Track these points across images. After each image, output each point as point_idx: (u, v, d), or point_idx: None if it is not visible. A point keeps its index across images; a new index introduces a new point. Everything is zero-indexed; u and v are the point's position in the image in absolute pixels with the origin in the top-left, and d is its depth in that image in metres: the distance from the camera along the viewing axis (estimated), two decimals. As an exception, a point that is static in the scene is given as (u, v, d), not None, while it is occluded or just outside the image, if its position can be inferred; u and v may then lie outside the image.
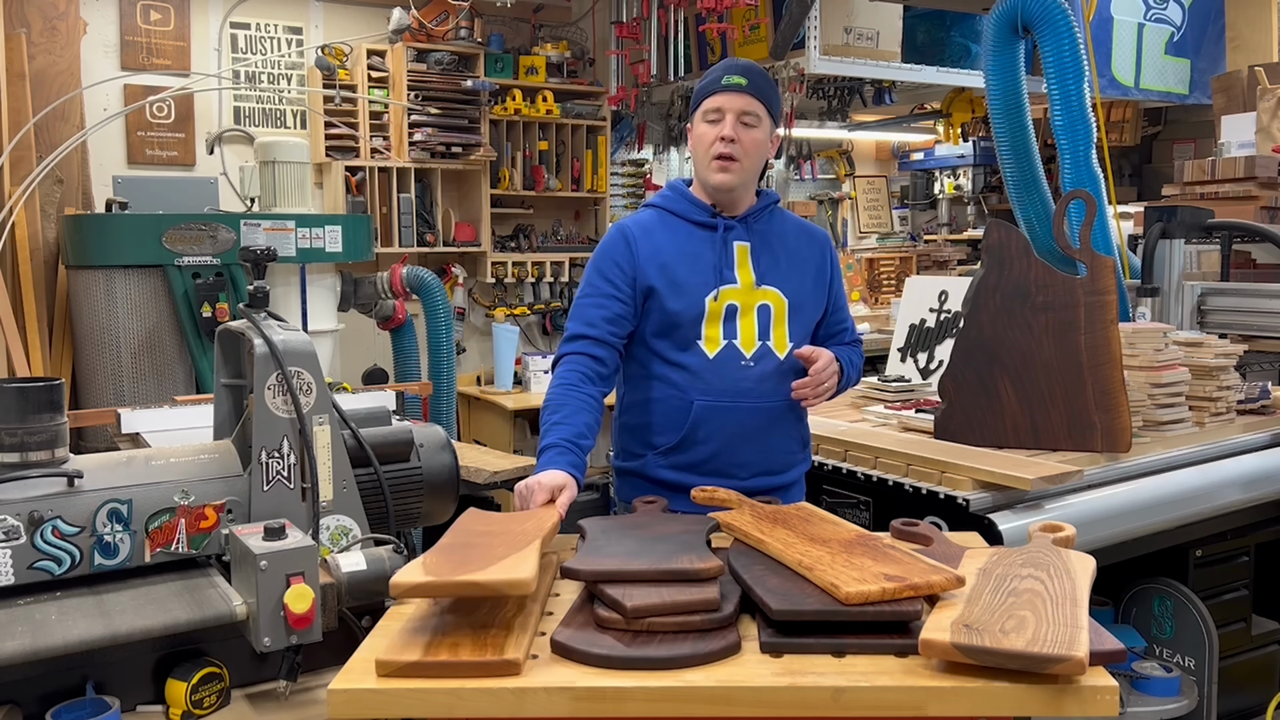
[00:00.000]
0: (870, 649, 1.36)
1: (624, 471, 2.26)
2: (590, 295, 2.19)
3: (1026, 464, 2.33)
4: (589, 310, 2.17)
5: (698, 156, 2.20)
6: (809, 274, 2.26)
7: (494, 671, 1.31)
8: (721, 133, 2.13)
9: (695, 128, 2.20)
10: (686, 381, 2.15)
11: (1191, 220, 3.85)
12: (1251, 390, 3.05)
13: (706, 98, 2.17)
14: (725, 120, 2.13)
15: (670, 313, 2.15)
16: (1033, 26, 3.40)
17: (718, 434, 2.15)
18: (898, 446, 2.48)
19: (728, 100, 2.14)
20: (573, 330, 2.17)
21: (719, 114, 2.15)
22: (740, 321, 2.17)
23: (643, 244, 2.19)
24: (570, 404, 2.06)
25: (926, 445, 2.51)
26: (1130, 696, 2.58)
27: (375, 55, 5.01)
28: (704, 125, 2.17)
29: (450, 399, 4.27)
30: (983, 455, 2.40)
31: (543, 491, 1.84)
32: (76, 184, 4.27)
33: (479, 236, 5.34)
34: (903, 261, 7.01)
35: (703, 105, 2.17)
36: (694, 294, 2.16)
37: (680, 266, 2.17)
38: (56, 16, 4.22)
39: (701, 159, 2.18)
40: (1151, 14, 5.91)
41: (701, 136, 2.17)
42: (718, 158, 2.14)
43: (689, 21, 5.19)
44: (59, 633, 1.43)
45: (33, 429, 1.59)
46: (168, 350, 3.71)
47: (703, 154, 2.17)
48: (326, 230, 3.89)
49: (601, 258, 2.20)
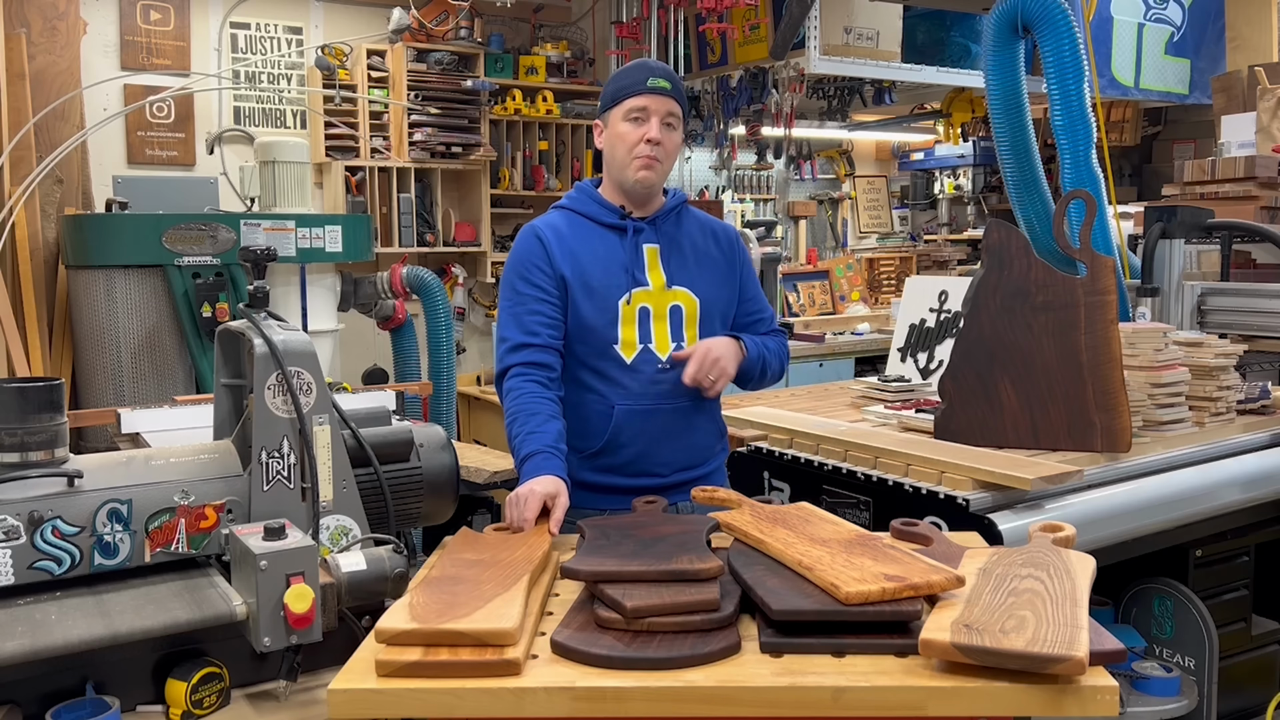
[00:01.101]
0: (870, 649, 1.36)
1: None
2: (521, 303, 2.17)
3: (1026, 464, 2.33)
4: (524, 318, 2.16)
5: (617, 155, 2.20)
6: (719, 271, 2.28)
7: (494, 671, 1.31)
8: (648, 134, 2.15)
9: (614, 126, 2.20)
10: (606, 388, 2.16)
11: (1191, 220, 3.85)
12: (1251, 390, 3.05)
13: (629, 97, 2.17)
14: (651, 122, 2.16)
15: (582, 315, 2.16)
16: (1033, 26, 3.40)
17: (640, 437, 2.17)
18: (898, 446, 2.47)
19: (652, 102, 2.16)
20: (513, 340, 2.15)
21: (644, 113, 2.16)
22: (654, 325, 2.18)
23: (556, 245, 2.20)
24: (540, 413, 2.06)
25: (926, 445, 2.51)
26: (1130, 696, 2.58)
27: (375, 55, 5.01)
28: (625, 124, 2.17)
29: (450, 399, 4.27)
30: (983, 455, 2.39)
31: (535, 499, 1.84)
32: (76, 184, 4.27)
33: (479, 236, 5.34)
34: (903, 261, 7.01)
35: (624, 104, 2.17)
36: (606, 297, 2.17)
37: (593, 268, 2.18)
38: (56, 16, 4.22)
39: (622, 158, 2.19)
40: (1151, 14, 5.91)
41: (624, 135, 2.17)
42: (642, 157, 2.16)
43: (689, 21, 5.19)
44: (59, 633, 1.43)
45: (33, 429, 1.59)
46: (168, 350, 3.71)
47: (624, 153, 2.18)
48: (326, 230, 3.89)
49: (521, 263, 2.20)
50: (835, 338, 5.78)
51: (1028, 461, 2.36)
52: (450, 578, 1.54)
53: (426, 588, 1.50)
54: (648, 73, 2.18)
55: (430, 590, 1.49)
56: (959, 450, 2.45)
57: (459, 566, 1.60)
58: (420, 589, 1.50)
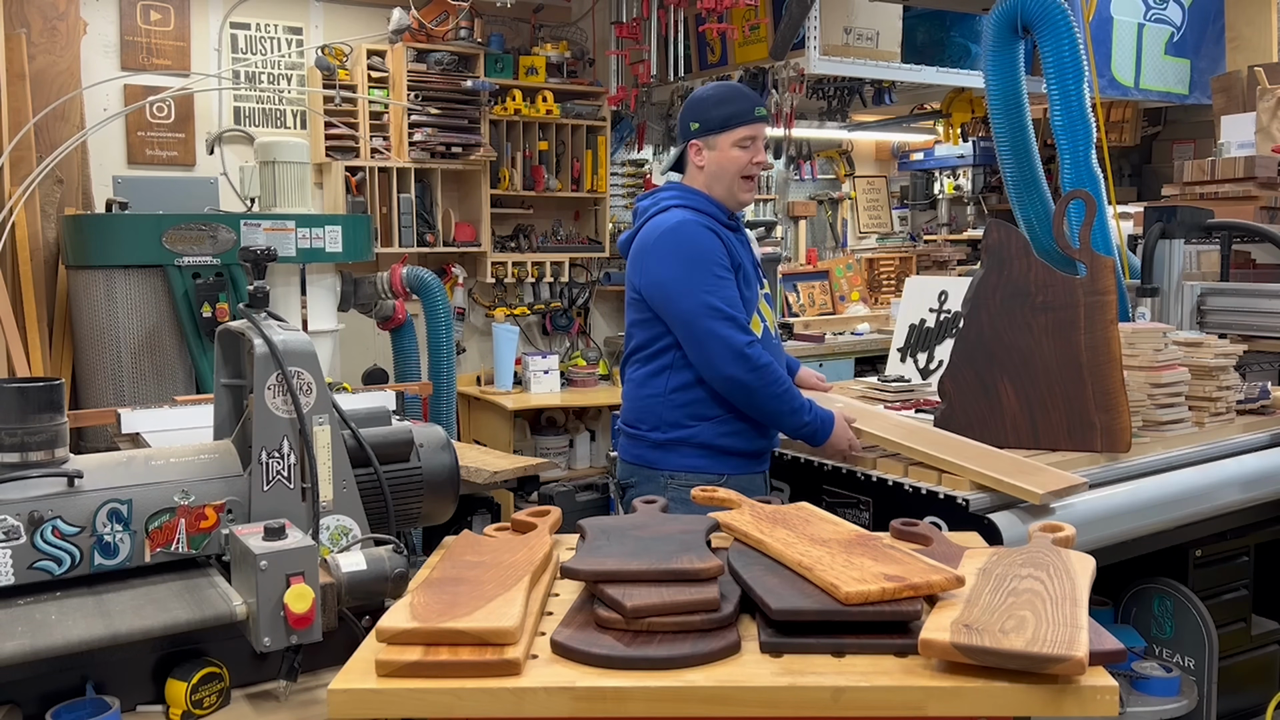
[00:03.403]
0: (870, 649, 1.36)
1: (671, 442, 2.51)
2: (726, 285, 2.43)
3: (1031, 471, 2.30)
4: (737, 301, 2.44)
5: (727, 175, 2.52)
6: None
7: (494, 671, 1.31)
8: (756, 157, 2.51)
9: (725, 150, 2.51)
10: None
11: (1191, 220, 3.85)
12: (1251, 390, 3.05)
13: (742, 125, 2.48)
14: (757, 148, 2.52)
15: (745, 299, 2.48)
16: (1032, 27, 3.40)
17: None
18: (912, 442, 2.46)
19: (758, 130, 2.51)
20: (740, 317, 2.43)
21: (752, 141, 2.50)
22: (761, 307, 2.59)
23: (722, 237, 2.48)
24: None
25: (939, 443, 2.49)
26: (1130, 696, 2.58)
27: (375, 55, 5.01)
28: (737, 150, 2.50)
29: (450, 399, 4.27)
30: (986, 458, 2.38)
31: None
32: (76, 184, 4.27)
33: (479, 236, 5.34)
34: (902, 261, 7.01)
35: (737, 131, 2.49)
36: (753, 283, 2.56)
37: (744, 258, 2.53)
38: (56, 16, 4.22)
39: (732, 179, 2.52)
40: (1151, 14, 5.91)
41: (736, 159, 2.50)
42: (750, 178, 2.53)
43: (689, 21, 5.18)
44: (59, 633, 1.43)
45: (33, 429, 1.59)
46: (168, 350, 3.71)
47: (734, 174, 2.51)
48: (326, 230, 3.89)
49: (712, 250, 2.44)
50: (835, 338, 5.78)
51: (1032, 467, 2.34)
52: (451, 579, 1.55)
53: (427, 588, 1.51)
54: (754, 102, 2.51)
55: (431, 590, 1.49)
56: (965, 452, 2.42)
57: (460, 568, 1.60)
58: (421, 589, 1.50)
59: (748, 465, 2.55)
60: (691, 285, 2.39)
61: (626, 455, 2.61)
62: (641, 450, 2.55)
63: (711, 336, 2.38)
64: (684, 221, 2.45)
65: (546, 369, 5.37)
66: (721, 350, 2.37)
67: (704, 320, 2.38)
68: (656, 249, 2.46)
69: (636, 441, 2.57)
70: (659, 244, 2.46)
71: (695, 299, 2.39)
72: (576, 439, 5.56)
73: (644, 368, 2.55)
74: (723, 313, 2.38)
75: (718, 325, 2.37)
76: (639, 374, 2.56)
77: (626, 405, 2.62)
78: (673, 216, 2.47)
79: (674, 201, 2.52)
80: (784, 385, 2.43)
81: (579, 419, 5.62)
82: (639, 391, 2.56)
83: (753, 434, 2.52)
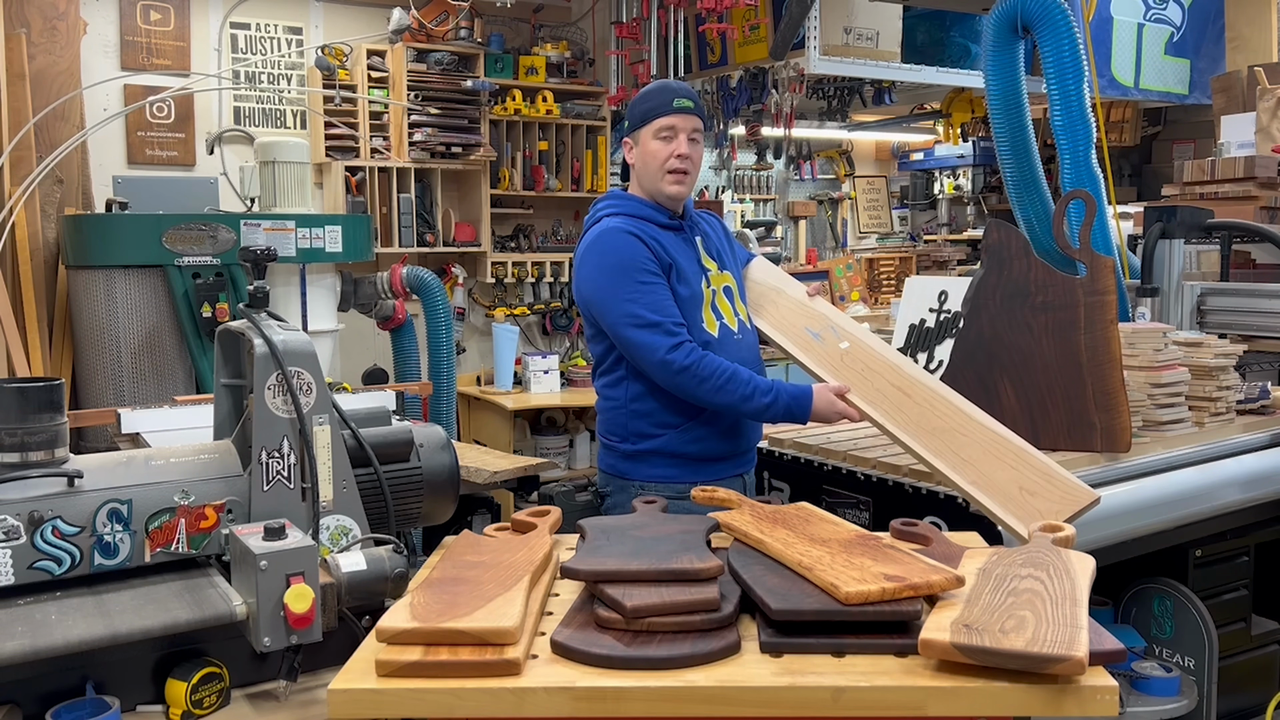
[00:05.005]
0: (870, 649, 1.36)
1: (641, 453, 2.46)
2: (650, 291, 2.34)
3: (1034, 492, 2.12)
4: (664, 304, 2.34)
5: (650, 170, 2.45)
6: (734, 253, 2.64)
7: (494, 671, 1.31)
8: (678, 150, 2.41)
9: (645, 144, 2.45)
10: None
11: (1191, 220, 3.85)
12: (1251, 390, 3.05)
13: (658, 117, 2.42)
14: (679, 138, 2.41)
15: (681, 299, 2.38)
16: (1032, 27, 3.40)
17: None
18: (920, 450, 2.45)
19: (679, 120, 2.42)
20: (665, 323, 2.33)
21: (671, 132, 2.41)
22: (719, 304, 2.47)
23: (648, 241, 2.39)
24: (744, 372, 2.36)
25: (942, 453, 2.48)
26: (1130, 696, 2.58)
27: (375, 55, 5.01)
28: (656, 142, 2.43)
29: (450, 399, 4.27)
30: (986, 461, 2.35)
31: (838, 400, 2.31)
32: (76, 184, 4.27)
33: (479, 236, 5.33)
34: (902, 261, 7.01)
35: (654, 124, 2.43)
36: (693, 281, 2.42)
37: (678, 257, 2.42)
38: (56, 16, 4.22)
39: (655, 173, 2.44)
40: (1151, 14, 5.91)
41: (655, 153, 2.43)
42: (673, 171, 2.42)
43: (689, 21, 5.18)
44: (59, 633, 1.43)
45: (33, 429, 1.59)
46: (168, 350, 3.71)
47: (656, 168, 2.43)
48: (326, 230, 3.89)
49: (630, 257, 2.35)
50: (835, 338, 5.76)
51: (1036, 484, 2.14)
52: (451, 579, 1.55)
53: (427, 588, 1.51)
54: (672, 94, 2.43)
55: (431, 590, 1.49)
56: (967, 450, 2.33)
57: (460, 568, 1.60)
58: (421, 589, 1.50)
59: (722, 470, 2.46)
60: (615, 294, 2.34)
61: (602, 465, 2.59)
62: (614, 461, 2.52)
63: (634, 345, 2.34)
64: (605, 230, 2.41)
65: (546, 369, 5.37)
66: (647, 357, 2.33)
67: (626, 329, 2.33)
68: (583, 262, 2.44)
69: (609, 452, 2.54)
70: (584, 256, 2.44)
71: (618, 308, 2.34)
72: (576, 439, 5.56)
73: (604, 379, 2.52)
74: (644, 319, 2.32)
75: (638, 333, 2.32)
76: (601, 385, 2.54)
77: (598, 416, 2.60)
78: (600, 226, 2.44)
79: (606, 210, 2.48)
80: (723, 376, 2.31)
81: (579, 419, 5.62)
82: (604, 404, 2.53)
83: (719, 437, 2.45)
